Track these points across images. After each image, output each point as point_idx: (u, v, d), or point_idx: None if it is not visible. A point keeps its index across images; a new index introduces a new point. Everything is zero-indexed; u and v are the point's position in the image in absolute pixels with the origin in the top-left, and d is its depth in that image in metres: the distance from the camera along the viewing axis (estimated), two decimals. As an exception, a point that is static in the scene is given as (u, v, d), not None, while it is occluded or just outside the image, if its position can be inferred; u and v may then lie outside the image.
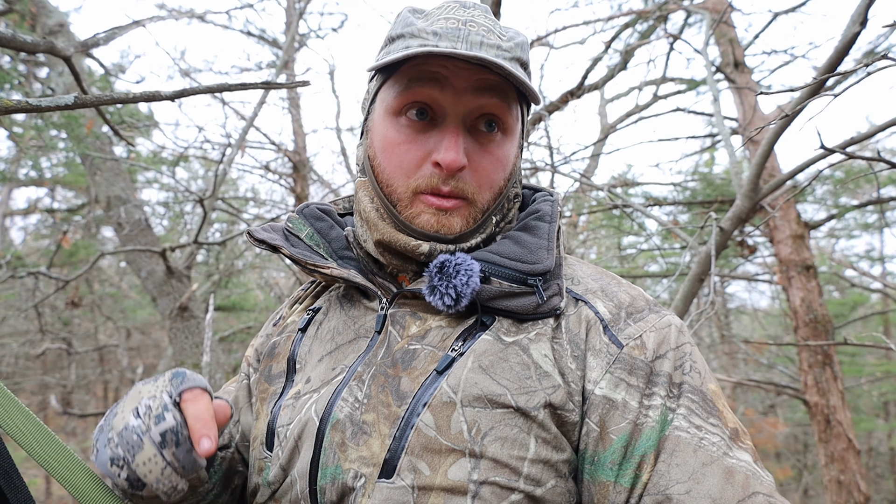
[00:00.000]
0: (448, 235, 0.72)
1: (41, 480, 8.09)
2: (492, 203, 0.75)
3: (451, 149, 0.69)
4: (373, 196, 0.76)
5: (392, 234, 0.74)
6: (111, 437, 0.62)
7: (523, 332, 0.70)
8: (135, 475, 0.61)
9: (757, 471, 0.64)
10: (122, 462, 0.61)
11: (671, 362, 0.68)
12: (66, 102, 1.10)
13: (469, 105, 0.71)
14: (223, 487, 0.81)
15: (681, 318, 0.85)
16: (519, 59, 0.73)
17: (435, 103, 0.71)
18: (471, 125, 0.72)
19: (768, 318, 9.79)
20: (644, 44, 4.92)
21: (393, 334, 0.73)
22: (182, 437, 0.62)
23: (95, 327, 9.26)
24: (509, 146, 0.75)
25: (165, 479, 0.62)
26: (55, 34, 3.52)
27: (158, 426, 0.61)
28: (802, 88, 1.57)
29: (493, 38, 0.71)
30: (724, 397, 0.70)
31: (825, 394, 4.36)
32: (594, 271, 0.78)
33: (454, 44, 0.69)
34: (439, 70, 0.70)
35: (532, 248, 0.72)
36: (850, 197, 6.30)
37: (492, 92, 0.71)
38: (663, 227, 3.62)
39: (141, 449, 0.61)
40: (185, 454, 0.62)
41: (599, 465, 0.66)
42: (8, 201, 8.43)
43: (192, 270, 4.19)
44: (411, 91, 0.71)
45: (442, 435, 0.65)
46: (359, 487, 0.65)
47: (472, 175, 0.72)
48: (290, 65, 6.49)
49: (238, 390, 0.92)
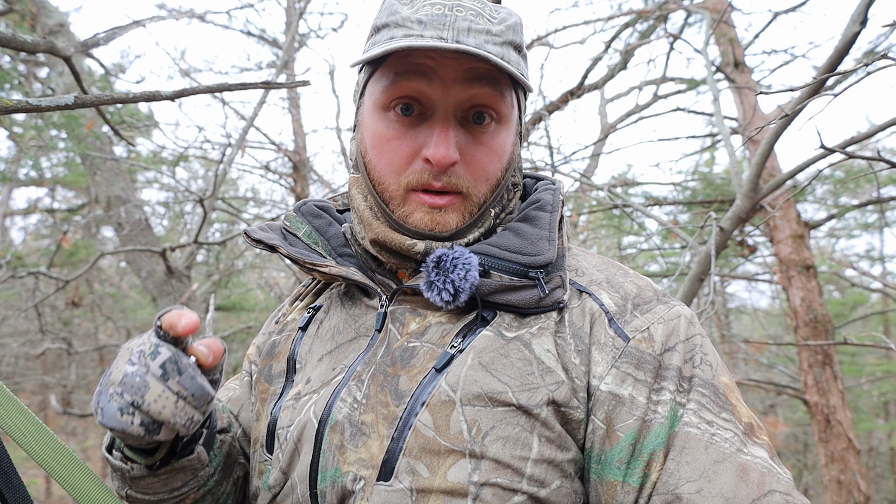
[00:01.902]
0: (444, 233, 0.70)
1: (41, 480, 8.08)
2: (489, 195, 0.72)
3: (440, 144, 0.67)
4: (366, 194, 0.75)
5: (386, 234, 0.72)
6: (113, 391, 0.60)
7: (525, 326, 0.67)
8: (149, 417, 0.59)
9: (773, 468, 0.61)
10: (132, 408, 0.59)
11: (681, 355, 0.65)
12: (66, 102, 1.10)
13: (459, 97, 0.68)
14: (224, 474, 0.80)
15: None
16: (511, 42, 0.69)
17: (423, 97, 0.68)
18: (462, 117, 0.69)
19: (768, 318, 9.78)
20: (644, 43, 4.92)
21: (393, 332, 0.71)
22: (182, 364, 0.60)
23: (95, 327, 9.25)
24: (505, 135, 0.72)
25: (180, 412, 0.60)
26: (55, 34, 3.52)
27: (155, 361, 0.60)
28: (802, 88, 1.56)
29: (482, 23, 0.68)
30: (737, 391, 0.67)
31: (825, 393, 4.35)
32: (599, 262, 0.75)
33: (440, 32, 0.66)
34: (426, 62, 0.67)
35: (533, 239, 0.69)
36: (850, 197, 6.30)
37: (482, 81, 0.68)
38: (663, 227, 3.62)
39: (147, 388, 0.59)
40: (190, 381, 0.60)
41: (606, 464, 0.63)
42: (8, 201, 8.42)
43: (192, 270, 4.19)
44: (398, 85, 0.68)
45: (441, 435, 0.63)
46: (358, 490, 0.63)
47: (465, 169, 0.69)
48: (290, 65, 6.48)
49: (241, 387, 0.91)
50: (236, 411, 0.90)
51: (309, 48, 8.63)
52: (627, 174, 7.05)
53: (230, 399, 0.91)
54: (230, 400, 0.91)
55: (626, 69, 5.18)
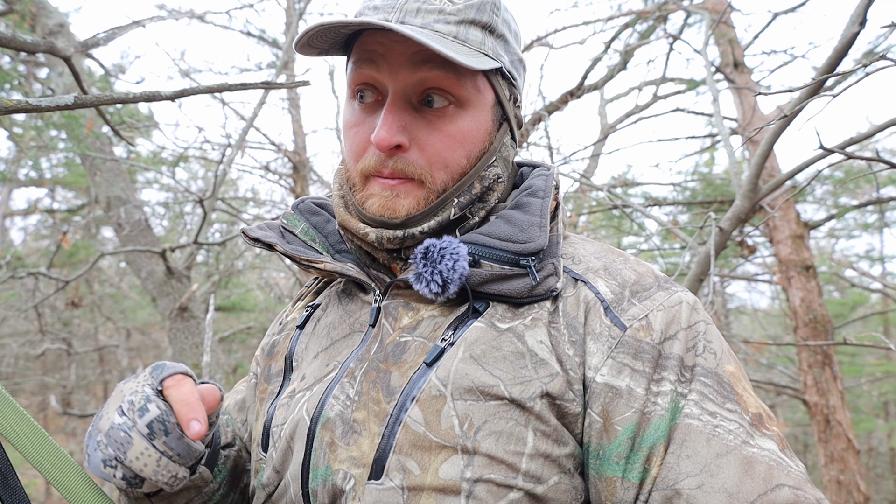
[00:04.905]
0: (393, 219, 0.68)
1: (41, 481, 8.08)
2: (450, 184, 0.69)
3: (382, 127, 0.65)
4: (342, 182, 0.75)
5: (347, 220, 0.71)
6: (100, 440, 0.61)
7: (519, 317, 0.65)
8: (130, 472, 0.60)
9: (783, 460, 0.58)
10: (115, 461, 0.59)
11: (682, 343, 0.62)
12: (66, 102, 1.10)
13: (407, 81, 0.66)
14: (230, 487, 0.80)
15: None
16: (473, 21, 0.67)
17: (376, 82, 0.68)
18: (417, 101, 0.68)
19: (768, 318, 9.78)
20: (644, 44, 4.91)
21: (385, 327, 0.70)
22: (169, 425, 0.60)
23: (95, 328, 9.25)
24: (468, 120, 0.68)
25: (163, 470, 0.60)
26: (55, 34, 3.52)
27: (143, 418, 0.60)
28: (802, 88, 1.56)
29: (437, 3, 0.66)
30: (746, 379, 0.63)
31: (825, 394, 4.35)
32: (598, 249, 0.72)
33: (387, 14, 0.66)
34: (375, 48, 0.66)
35: (523, 226, 0.67)
36: (849, 197, 6.30)
37: (430, 64, 0.65)
38: (663, 228, 3.62)
39: (131, 444, 0.59)
40: (176, 441, 0.61)
41: (605, 459, 0.61)
42: (8, 201, 8.42)
43: (191, 271, 4.19)
44: (356, 73, 0.69)
45: (431, 431, 0.61)
46: (349, 490, 0.62)
47: (419, 154, 0.67)
48: (290, 65, 6.48)
49: (247, 389, 0.91)
50: (245, 414, 0.89)
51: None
52: (627, 174, 7.04)
53: (237, 402, 0.91)
54: (237, 403, 0.91)
55: (626, 70, 5.17)
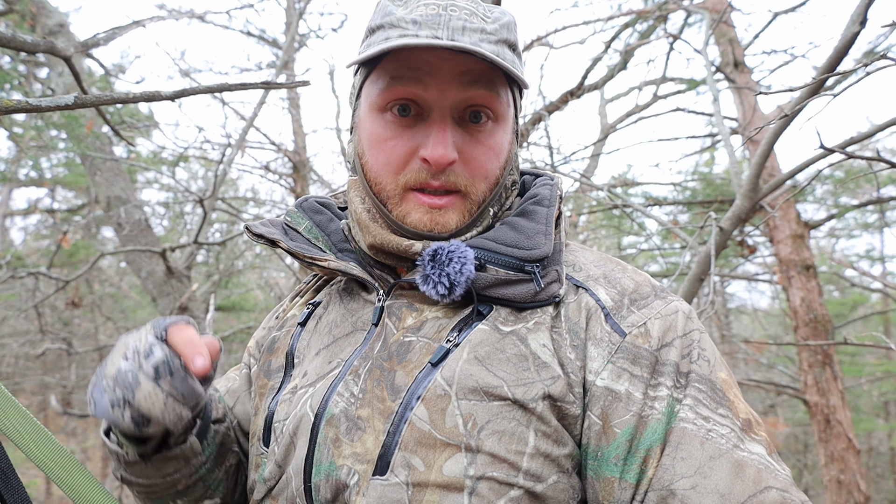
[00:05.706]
0: (443, 234, 0.70)
1: (41, 481, 8.08)
2: (488, 194, 0.73)
3: (438, 144, 0.67)
4: (364, 196, 0.75)
5: (384, 237, 0.72)
6: (107, 384, 0.63)
7: (522, 321, 0.68)
8: (138, 412, 0.62)
9: (770, 464, 0.60)
10: (123, 402, 0.62)
11: (678, 350, 0.65)
12: (66, 102, 1.10)
13: (455, 98, 0.68)
14: (215, 462, 0.81)
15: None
16: (506, 40, 0.70)
17: (419, 98, 0.69)
18: (459, 116, 0.70)
19: (768, 318, 9.78)
20: (644, 44, 4.92)
21: (389, 327, 0.72)
22: (174, 367, 0.63)
23: (95, 327, 9.25)
24: (501, 134, 0.72)
25: (169, 410, 0.62)
26: (55, 34, 3.52)
27: (149, 360, 0.63)
28: (802, 88, 1.56)
29: (477, 21, 0.68)
30: (736, 387, 0.66)
31: (825, 394, 4.35)
32: (597, 257, 0.76)
33: (435, 31, 0.66)
34: (421, 65, 0.67)
35: (529, 233, 0.70)
36: (850, 197, 6.30)
37: (478, 83, 0.68)
38: (663, 227, 3.62)
39: (138, 385, 0.61)
40: (181, 382, 0.63)
41: (603, 460, 0.63)
42: (8, 201, 8.42)
43: (192, 270, 4.19)
44: (394, 88, 0.69)
45: (436, 429, 0.63)
46: (353, 485, 0.64)
47: (464, 167, 0.70)
48: (290, 65, 6.48)
49: (239, 378, 0.92)
50: (232, 403, 0.91)
51: (309, 48, 8.65)
52: (627, 174, 7.05)
53: (229, 390, 0.93)
54: (228, 391, 0.92)
55: (626, 69, 5.18)
